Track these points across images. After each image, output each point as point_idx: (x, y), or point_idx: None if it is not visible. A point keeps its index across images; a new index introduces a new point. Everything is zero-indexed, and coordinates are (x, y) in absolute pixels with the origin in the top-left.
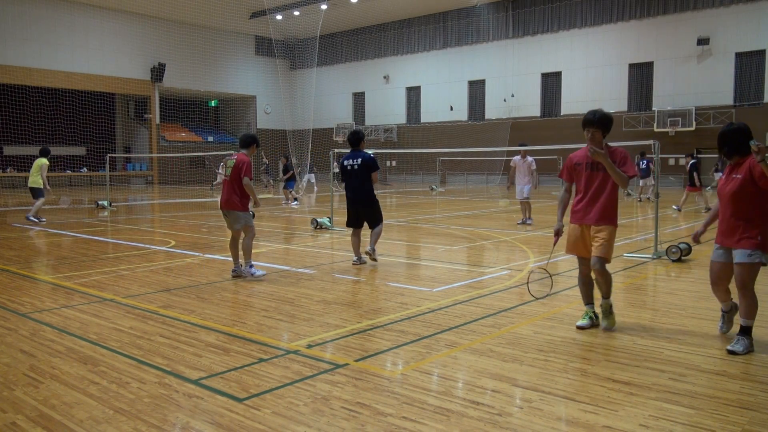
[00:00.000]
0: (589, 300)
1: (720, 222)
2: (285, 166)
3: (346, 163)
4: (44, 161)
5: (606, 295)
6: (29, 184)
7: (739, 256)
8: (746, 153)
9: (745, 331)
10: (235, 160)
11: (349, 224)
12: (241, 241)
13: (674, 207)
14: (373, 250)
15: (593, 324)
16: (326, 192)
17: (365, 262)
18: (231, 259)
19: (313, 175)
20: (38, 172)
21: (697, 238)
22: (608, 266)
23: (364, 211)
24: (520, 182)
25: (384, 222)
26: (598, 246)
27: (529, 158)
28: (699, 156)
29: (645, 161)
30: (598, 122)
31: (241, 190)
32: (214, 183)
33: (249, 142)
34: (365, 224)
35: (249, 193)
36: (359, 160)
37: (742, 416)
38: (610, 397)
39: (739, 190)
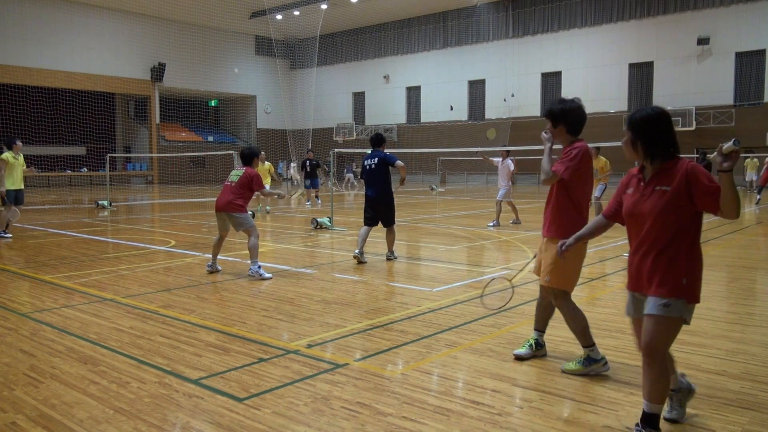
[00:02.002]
0: (540, 326)
1: (630, 256)
2: (311, 162)
3: (365, 162)
4: (2, 156)
5: (582, 341)
6: None
7: (650, 305)
8: (673, 155)
9: (649, 420)
10: (243, 172)
11: (366, 223)
12: (247, 242)
13: None
14: (392, 252)
15: (534, 354)
16: (326, 192)
17: (365, 262)
18: (230, 259)
19: (351, 174)
20: None
21: (563, 253)
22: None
23: (382, 209)
24: (499, 184)
25: (395, 223)
26: (545, 271)
27: (508, 160)
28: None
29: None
30: (547, 114)
31: (243, 196)
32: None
33: (251, 158)
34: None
35: (268, 195)
36: (376, 159)
37: (742, 416)
38: (610, 397)
39: (665, 210)
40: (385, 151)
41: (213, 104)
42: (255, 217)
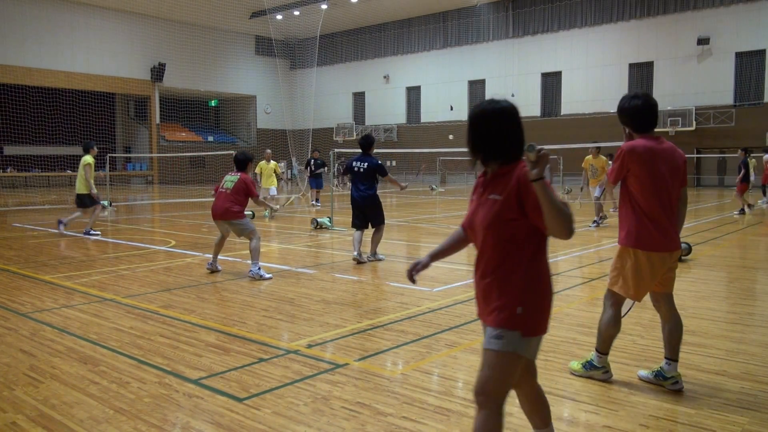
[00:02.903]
0: (670, 354)
1: (474, 274)
2: (316, 161)
3: (354, 164)
4: (87, 159)
5: (600, 345)
6: (75, 191)
7: (485, 337)
8: (514, 158)
9: None
10: (238, 177)
11: (354, 225)
12: (250, 243)
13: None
14: (375, 253)
15: (660, 384)
16: (327, 192)
17: (365, 261)
18: (230, 259)
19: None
20: (82, 175)
21: (412, 275)
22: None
23: (369, 211)
24: None
25: (384, 222)
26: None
27: None
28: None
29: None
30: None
31: (239, 202)
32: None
33: (245, 163)
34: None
35: (261, 205)
36: (366, 164)
37: (742, 416)
38: (610, 397)
39: (494, 223)
40: (373, 153)
41: (213, 104)
42: (254, 217)
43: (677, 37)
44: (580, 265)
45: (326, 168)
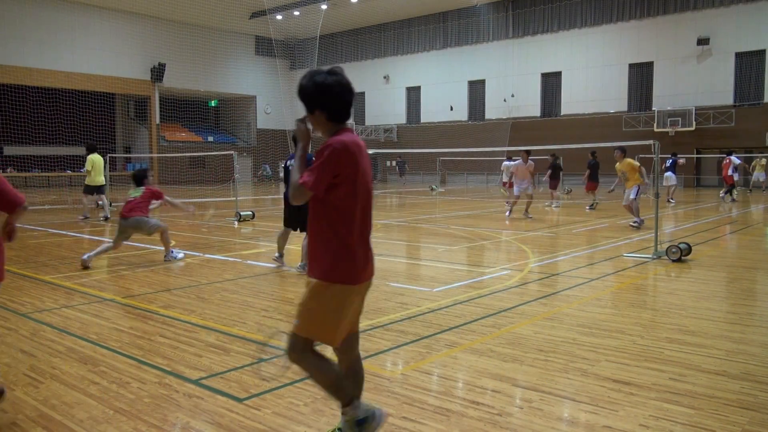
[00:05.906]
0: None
1: None
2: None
3: (287, 163)
4: None
5: (339, 400)
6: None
7: None
8: None
9: None
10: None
11: (285, 224)
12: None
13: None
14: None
15: None
16: None
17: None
18: (231, 259)
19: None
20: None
21: None
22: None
23: (298, 213)
24: (520, 184)
25: (385, 222)
26: (297, 312)
27: (530, 162)
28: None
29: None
30: (299, 94)
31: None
32: None
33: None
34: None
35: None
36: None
37: (742, 416)
38: (610, 397)
39: None
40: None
41: (213, 104)
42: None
43: (677, 38)
44: (580, 265)
45: None
